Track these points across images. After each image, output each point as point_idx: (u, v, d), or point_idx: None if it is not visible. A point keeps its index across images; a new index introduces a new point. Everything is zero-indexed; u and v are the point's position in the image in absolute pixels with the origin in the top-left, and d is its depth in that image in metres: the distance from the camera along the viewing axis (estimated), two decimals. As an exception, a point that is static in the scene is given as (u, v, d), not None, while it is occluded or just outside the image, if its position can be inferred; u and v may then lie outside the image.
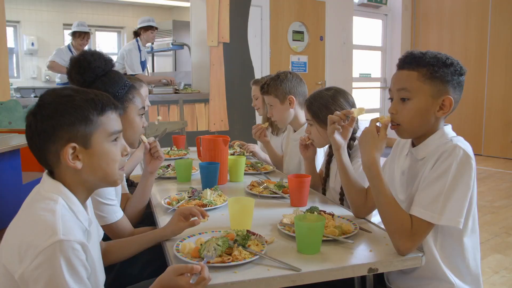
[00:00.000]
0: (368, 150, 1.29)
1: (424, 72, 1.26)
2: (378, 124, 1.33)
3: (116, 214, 1.48)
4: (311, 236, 1.20)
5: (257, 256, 1.15)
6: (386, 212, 1.24)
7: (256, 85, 2.94)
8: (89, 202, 1.15)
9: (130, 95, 1.61)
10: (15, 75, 6.96)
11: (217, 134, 2.28)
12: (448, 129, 1.32)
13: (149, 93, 4.81)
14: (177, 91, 5.07)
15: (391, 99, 1.35)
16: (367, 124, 1.36)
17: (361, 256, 1.22)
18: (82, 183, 1.05)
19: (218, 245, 1.14)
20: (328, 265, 1.15)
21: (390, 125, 1.34)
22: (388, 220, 1.24)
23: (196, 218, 1.33)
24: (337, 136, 1.55)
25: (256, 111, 3.09)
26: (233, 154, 2.68)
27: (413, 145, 1.37)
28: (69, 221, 0.96)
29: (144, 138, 1.70)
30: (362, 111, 1.53)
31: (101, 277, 1.10)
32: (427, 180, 1.23)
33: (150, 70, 6.49)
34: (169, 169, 2.25)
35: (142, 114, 1.67)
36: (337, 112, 1.54)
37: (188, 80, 5.63)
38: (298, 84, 2.33)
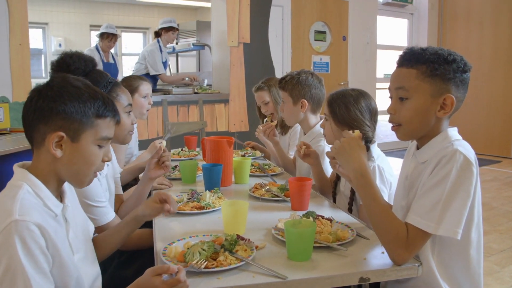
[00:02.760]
0: (358, 157, 1.24)
1: (424, 70, 1.20)
2: None
3: (107, 215, 1.48)
4: (301, 242, 1.17)
5: (243, 262, 1.12)
6: (380, 222, 1.18)
7: (261, 91, 2.82)
8: (69, 190, 1.15)
9: (114, 93, 1.61)
10: (44, 75, 7.16)
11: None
12: (452, 131, 1.25)
13: (169, 93, 4.87)
14: (196, 91, 5.09)
15: (392, 98, 1.30)
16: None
17: (354, 265, 1.17)
18: (54, 172, 1.05)
19: (203, 249, 1.12)
20: (317, 273, 1.11)
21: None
22: (383, 229, 1.18)
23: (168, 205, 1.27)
24: (339, 168, 1.44)
25: (268, 117, 2.79)
26: (244, 155, 2.66)
27: (418, 148, 1.31)
28: (29, 204, 0.96)
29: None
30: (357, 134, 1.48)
31: (83, 275, 1.08)
32: (425, 187, 1.17)
33: (173, 71, 6.55)
34: (175, 170, 2.24)
35: (129, 112, 1.67)
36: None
37: (209, 80, 5.65)
38: (316, 89, 2.27)
